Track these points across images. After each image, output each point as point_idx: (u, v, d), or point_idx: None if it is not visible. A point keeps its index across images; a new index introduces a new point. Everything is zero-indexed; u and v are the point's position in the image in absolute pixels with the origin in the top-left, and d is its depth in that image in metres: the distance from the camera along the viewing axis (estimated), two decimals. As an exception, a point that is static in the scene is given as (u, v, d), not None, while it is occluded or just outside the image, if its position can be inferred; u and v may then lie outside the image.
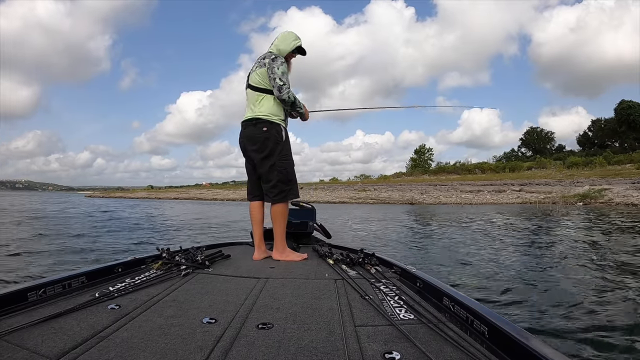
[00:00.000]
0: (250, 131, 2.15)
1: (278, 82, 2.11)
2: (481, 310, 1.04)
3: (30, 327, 1.00)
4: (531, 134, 53.98)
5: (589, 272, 3.61)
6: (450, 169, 46.84)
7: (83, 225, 9.06)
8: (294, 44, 2.29)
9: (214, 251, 2.14)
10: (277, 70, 2.12)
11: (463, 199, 26.94)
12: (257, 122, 2.12)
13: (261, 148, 2.13)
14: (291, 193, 2.17)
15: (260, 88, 2.16)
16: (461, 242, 6.14)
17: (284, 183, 2.13)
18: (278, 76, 2.11)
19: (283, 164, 2.13)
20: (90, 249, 5.23)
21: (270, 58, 2.15)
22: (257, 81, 2.17)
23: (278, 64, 2.14)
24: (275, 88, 2.11)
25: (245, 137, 2.19)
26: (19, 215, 12.04)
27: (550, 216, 11.91)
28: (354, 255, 2.00)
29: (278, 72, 2.12)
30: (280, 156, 2.12)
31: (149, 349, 0.90)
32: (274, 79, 2.11)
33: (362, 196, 32.45)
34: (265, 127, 2.10)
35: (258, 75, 2.16)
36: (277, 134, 2.12)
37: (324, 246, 2.40)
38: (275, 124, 2.12)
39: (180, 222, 10.97)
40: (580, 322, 2.27)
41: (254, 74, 2.20)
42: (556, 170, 36.51)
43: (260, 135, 2.11)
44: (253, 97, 2.18)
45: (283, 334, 1.01)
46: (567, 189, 26.72)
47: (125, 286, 1.43)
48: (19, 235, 6.85)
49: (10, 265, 4.03)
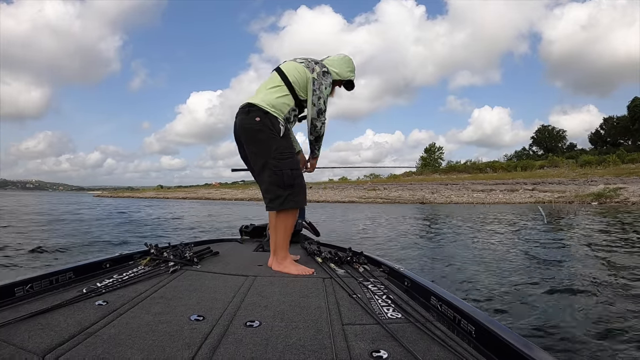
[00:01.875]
0: (241, 120, 1.81)
1: (321, 105, 1.84)
2: (468, 310, 1.05)
3: (17, 322, 0.99)
4: (542, 133, 53.47)
5: (597, 276, 3.48)
6: (461, 168, 46.50)
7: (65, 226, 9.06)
8: (349, 74, 2.01)
9: (202, 248, 2.11)
10: (324, 89, 1.85)
11: (475, 199, 26.71)
12: (250, 109, 1.77)
13: (251, 140, 1.79)
14: (290, 200, 1.75)
15: (287, 79, 1.83)
16: (473, 244, 5.98)
17: (279, 187, 1.74)
18: (323, 98, 1.85)
19: (278, 163, 1.73)
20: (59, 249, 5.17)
21: (323, 69, 1.87)
22: (291, 72, 1.84)
23: (327, 83, 1.87)
24: (316, 108, 1.83)
25: (236, 125, 1.86)
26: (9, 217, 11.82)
27: (565, 216, 11.73)
28: (342, 253, 1.99)
29: (324, 93, 1.85)
30: (276, 154, 1.74)
31: (137, 346, 0.89)
32: (318, 97, 1.82)
33: (372, 195, 32.30)
34: (258, 116, 1.75)
35: (297, 69, 1.85)
36: (272, 127, 1.75)
37: (312, 244, 2.35)
38: (270, 115, 1.76)
39: (170, 221, 11.03)
40: (571, 324, 2.26)
41: (292, 63, 1.90)
42: (569, 169, 36.08)
43: (251, 125, 1.76)
44: (268, 83, 1.87)
45: (271, 332, 1.01)
46: (581, 188, 26.39)
47: (113, 282, 1.42)
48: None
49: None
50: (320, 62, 1.93)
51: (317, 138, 1.94)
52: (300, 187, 1.80)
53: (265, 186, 1.78)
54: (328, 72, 1.90)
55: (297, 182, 1.77)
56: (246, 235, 2.83)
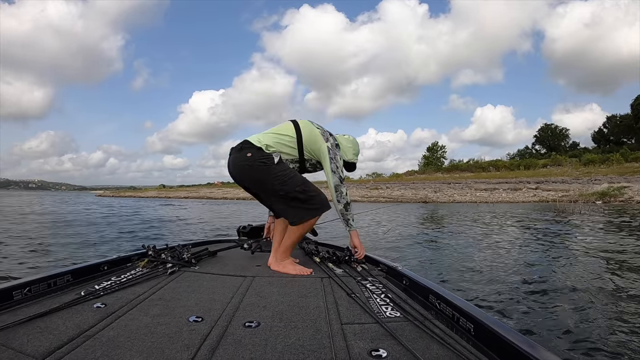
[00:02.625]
0: (234, 159, 1.78)
1: (340, 173, 1.81)
2: (467, 308, 1.04)
3: (15, 326, 0.98)
4: (545, 131, 53.19)
5: (602, 275, 3.42)
6: (463, 167, 46.27)
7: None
8: (353, 157, 1.98)
9: (200, 249, 2.12)
10: (339, 160, 1.82)
11: (478, 197, 26.56)
12: (243, 147, 1.75)
13: (247, 178, 1.78)
14: (313, 209, 1.74)
15: (300, 135, 1.80)
16: (476, 243, 5.89)
17: (294, 207, 1.73)
18: (341, 167, 1.82)
19: (285, 188, 1.70)
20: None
21: (335, 143, 1.86)
22: (307, 130, 1.82)
23: (339, 156, 1.84)
24: (336, 176, 1.79)
25: (230, 165, 1.83)
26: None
27: (570, 215, 11.60)
28: (340, 253, 1.99)
29: (340, 164, 1.82)
30: (276, 182, 1.70)
31: (135, 348, 0.89)
32: (336, 166, 1.80)
33: (374, 195, 32.19)
34: (249, 152, 1.71)
35: (312, 132, 1.82)
36: (265, 158, 1.70)
37: (310, 244, 2.36)
38: (262, 150, 1.71)
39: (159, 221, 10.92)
40: (568, 322, 2.24)
41: (309, 124, 1.86)
42: (572, 167, 35.88)
43: (242, 163, 1.73)
44: (280, 128, 1.85)
45: (270, 332, 1.01)
46: (585, 186, 26.18)
47: (111, 284, 1.42)
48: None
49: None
50: (333, 135, 1.91)
51: (346, 205, 1.84)
52: (315, 194, 1.75)
53: (283, 212, 1.80)
54: (338, 147, 1.89)
55: (310, 192, 1.74)
56: (244, 235, 2.81)
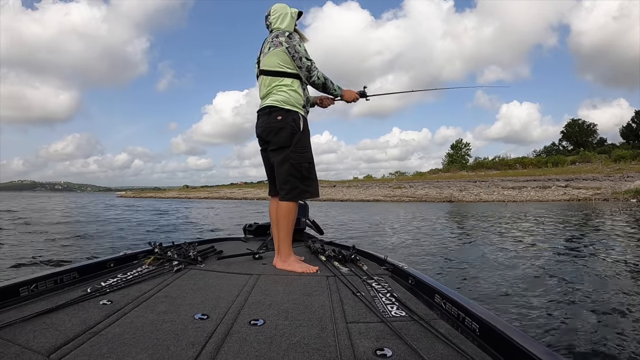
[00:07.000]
0: (264, 121, 1.94)
1: (305, 62, 1.87)
2: (472, 308, 1.04)
3: (22, 322, 0.99)
4: (572, 127, 51.60)
5: (623, 282, 3.26)
6: (489, 165, 45.31)
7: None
8: (292, 14, 2.02)
9: (206, 247, 2.13)
10: (299, 48, 1.88)
11: (505, 196, 25.99)
12: (272, 110, 1.89)
13: (274, 139, 1.90)
14: (306, 191, 1.89)
15: (277, 72, 1.90)
16: (505, 247, 5.61)
17: (297, 179, 1.86)
18: (303, 55, 1.88)
19: (298, 157, 1.87)
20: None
21: (285, 35, 1.90)
22: (274, 64, 1.91)
23: (297, 41, 1.89)
24: (304, 69, 1.88)
25: (260, 127, 1.98)
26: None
27: (605, 215, 11.15)
28: (346, 252, 1.99)
29: (302, 51, 1.89)
30: (296, 148, 1.87)
31: (141, 345, 0.89)
32: (300, 59, 1.87)
33: (397, 194, 31.90)
34: (279, 115, 1.87)
35: (274, 56, 1.90)
36: (294, 123, 1.88)
37: (316, 242, 2.36)
38: (291, 112, 1.88)
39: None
40: (579, 325, 2.21)
41: (267, 56, 1.95)
42: (602, 164, 34.73)
43: (274, 124, 1.88)
44: (267, 83, 1.95)
45: (275, 330, 1.01)
46: (618, 184, 25.31)
47: (117, 281, 1.43)
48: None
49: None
50: (275, 32, 1.96)
51: (324, 86, 1.95)
52: (315, 179, 1.93)
53: (284, 178, 1.87)
54: (290, 32, 1.93)
55: (312, 175, 1.91)
56: (250, 233, 2.84)
